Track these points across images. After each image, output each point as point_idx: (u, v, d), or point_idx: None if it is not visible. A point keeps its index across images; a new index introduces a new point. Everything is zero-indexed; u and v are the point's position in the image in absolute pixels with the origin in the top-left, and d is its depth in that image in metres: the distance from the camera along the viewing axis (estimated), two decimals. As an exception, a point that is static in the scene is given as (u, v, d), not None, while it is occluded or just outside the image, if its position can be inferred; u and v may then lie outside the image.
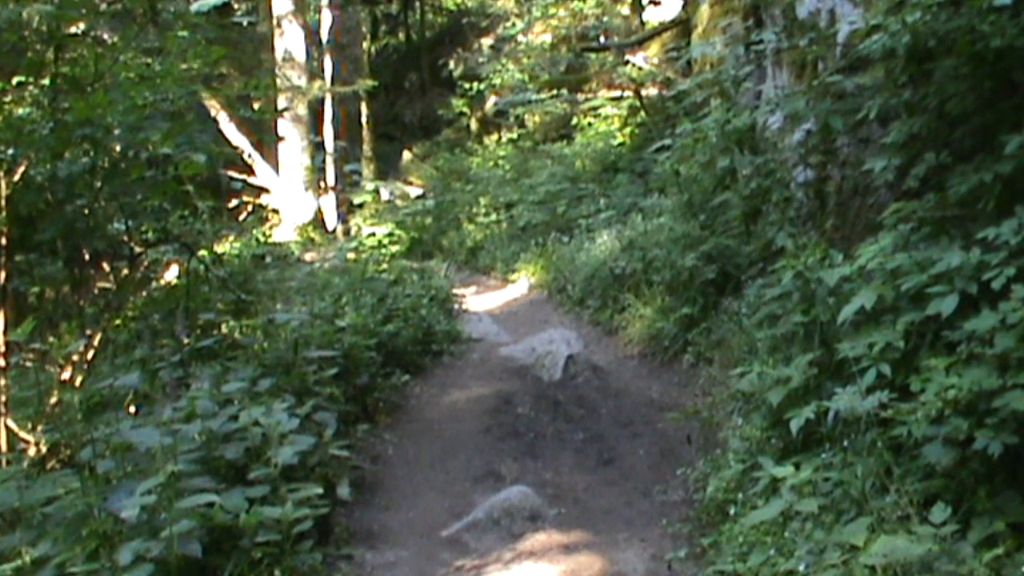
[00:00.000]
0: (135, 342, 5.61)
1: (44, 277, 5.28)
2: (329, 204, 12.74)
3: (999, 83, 3.29)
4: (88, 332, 4.69)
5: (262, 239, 10.80)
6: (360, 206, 12.26)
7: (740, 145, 5.73)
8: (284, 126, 12.57)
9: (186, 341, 5.14)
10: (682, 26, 10.27)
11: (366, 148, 15.47)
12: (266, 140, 12.84)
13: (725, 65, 6.43)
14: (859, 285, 3.28)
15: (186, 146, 4.83)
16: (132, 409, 4.11)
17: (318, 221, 12.55)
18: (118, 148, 4.75)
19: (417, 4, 19.91)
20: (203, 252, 6.30)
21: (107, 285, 5.69)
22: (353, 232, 11.50)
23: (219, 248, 8.76)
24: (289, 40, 12.57)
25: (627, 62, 11.36)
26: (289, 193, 12.60)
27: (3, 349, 4.18)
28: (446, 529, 3.85)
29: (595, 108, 12.25)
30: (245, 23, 10.82)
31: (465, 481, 4.39)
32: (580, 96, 12.86)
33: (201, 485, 3.12)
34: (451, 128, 16.84)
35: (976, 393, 2.54)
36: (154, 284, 6.80)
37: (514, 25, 15.23)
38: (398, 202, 12.81)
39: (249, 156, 12.40)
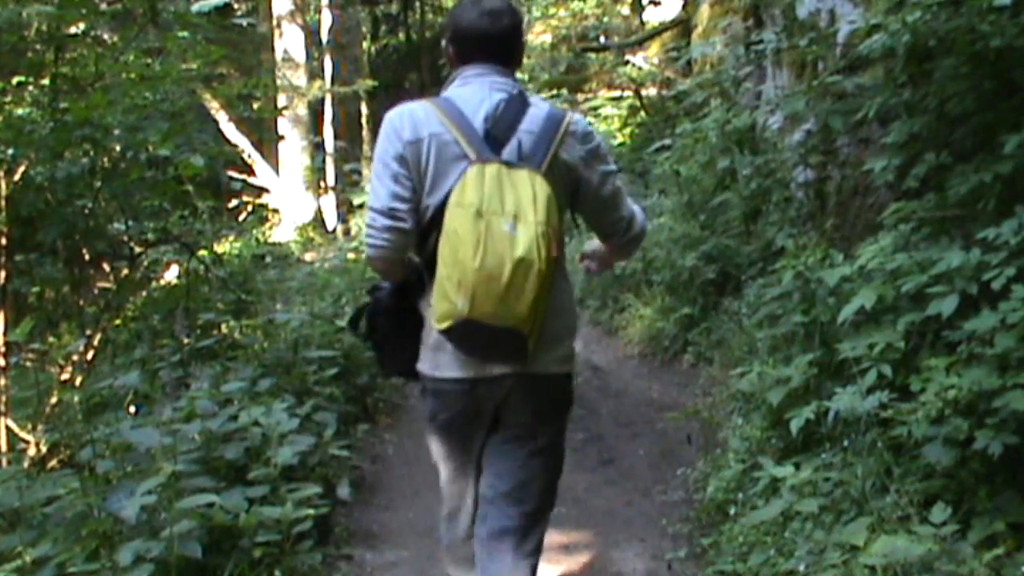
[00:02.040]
0: (135, 342, 5.61)
1: (44, 277, 5.29)
2: (329, 204, 12.74)
3: (999, 83, 3.29)
4: (88, 332, 4.69)
5: (262, 239, 10.80)
6: (360, 206, 12.26)
7: (740, 145, 5.73)
8: (284, 126, 12.57)
9: (186, 341, 5.15)
10: (682, 26, 10.27)
11: (366, 148, 15.45)
12: (266, 139, 12.85)
13: (725, 65, 6.43)
14: (859, 285, 3.28)
15: (185, 147, 4.84)
16: (132, 409, 4.11)
17: (318, 221, 12.55)
18: (118, 148, 4.76)
19: (417, 4, 19.91)
20: (203, 252, 6.31)
21: (107, 285, 5.70)
22: (353, 232, 11.50)
23: (219, 248, 8.76)
24: (289, 40, 12.57)
25: (627, 62, 11.35)
26: (289, 193, 12.60)
27: (3, 349, 4.19)
28: (446, 529, 3.85)
29: (595, 108, 12.24)
30: (245, 24, 10.82)
31: (465, 481, 4.38)
32: (580, 96, 12.86)
33: (201, 485, 3.12)
34: (451, 128, 16.84)
35: (976, 393, 2.54)
36: (154, 284, 6.81)
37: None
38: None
39: (249, 156, 12.40)
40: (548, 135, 2.15)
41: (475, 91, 2.20)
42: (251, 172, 12.61)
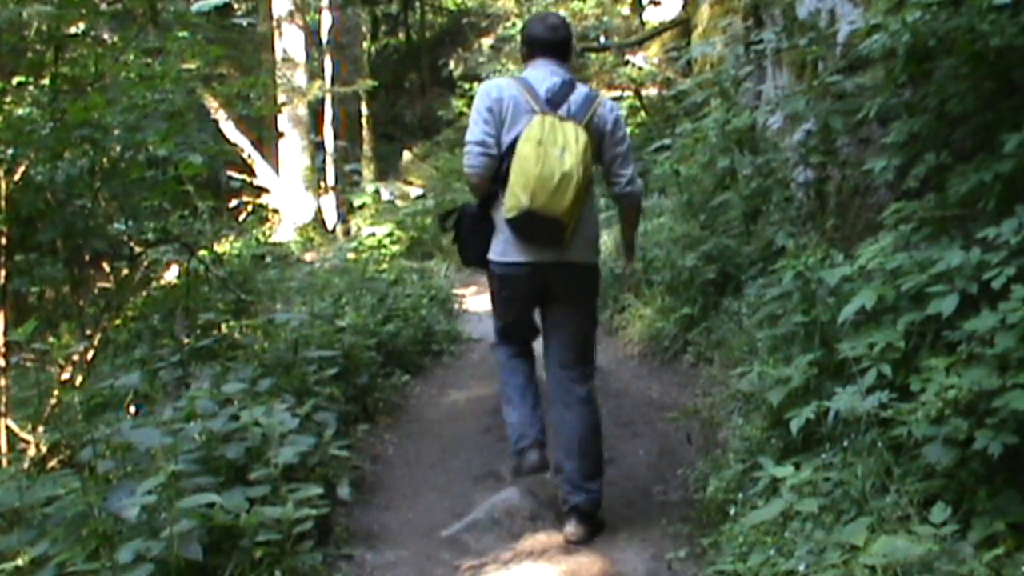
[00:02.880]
0: (135, 342, 5.61)
1: (44, 277, 5.28)
2: (329, 204, 12.73)
3: (999, 83, 3.29)
4: (88, 332, 4.69)
5: (262, 239, 10.80)
6: (361, 206, 12.26)
7: (740, 145, 5.73)
8: (284, 126, 12.57)
9: (186, 341, 5.14)
10: (682, 26, 10.28)
11: (366, 148, 15.47)
12: (266, 139, 12.84)
13: (725, 65, 6.43)
14: (859, 285, 3.28)
15: (185, 146, 4.83)
16: (132, 409, 4.11)
17: (318, 221, 12.55)
18: (118, 148, 4.75)
19: (417, 4, 19.91)
20: (203, 252, 6.30)
21: (107, 285, 5.69)
22: (353, 232, 11.50)
23: (219, 248, 8.75)
24: (289, 40, 12.57)
25: (627, 62, 11.36)
26: (289, 193, 12.60)
27: (3, 349, 4.19)
28: (446, 529, 3.85)
29: (595, 108, 12.23)
30: (245, 24, 10.81)
31: (465, 481, 4.39)
32: (580, 96, 12.83)
33: (201, 485, 3.12)
34: (451, 128, 16.83)
35: (976, 393, 2.54)
36: (154, 284, 6.80)
37: (514, 25, 15.24)
38: (398, 202, 12.80)
39: (249, 156, 12.40)
40: (587, 105, 3.43)
41: (541, 74, 3.48)
42: (251, 172, 12.62)
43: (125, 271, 5.43)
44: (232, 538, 3.05)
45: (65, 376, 4.41)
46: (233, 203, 12.31)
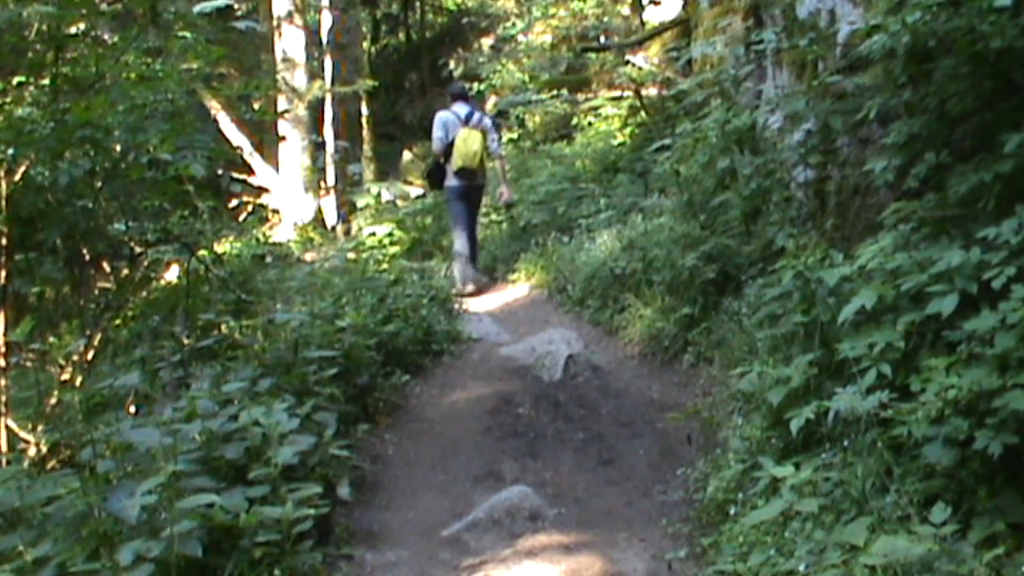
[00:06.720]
0: (135, 342, 5.61)
1: (44, 277, 5.28)
2: (329, 204, 12.73)
3: (999, 83, 3.29)
4: (88, 332, 4.69)
5: (262, 239, 10.80)
6: (363, 207, 12.25)
7: (740, 145, 5.72)
8: (284, 126, 12.56)
9: (186, 341, 5.14)
10: (682, 26, 10.27)
11: (366, 148, 15.44)
12: (266, 140, 12.83)
13: (725, 65, 6.43)
14: (859, 285, 3.28)
15: (186, 149, 4.83)
16: (132, 409, 4.11)
17: (318, 221, 12.54)
18: (118, 149, 4.75)
19: (417, 4, 19.91)
20: (203, 252, 6.30)
21: (107, 285, 5.69)
22: (353, 232, 11.49)
23: (219, 248, 8.75)
24: (289, 41, 12.56)
25: (627, 62, 11.35)
26: (289, 193, 12.60)
27: (3, 349, 4.19)
28: (446, 529, 3.86)
29: (595, 108, 12.24)
30: (244, 26, 10.78)
31: (465, 481, 4.39)
32: (580, 96, 12.86)
33: (201, 485, 3.12)
34: (451, 128, 16.78)
35: (976, 393, 2.55)
36: (154, 284, 6.80)
37: (514, 25, 15.25)
38: (398, 202, 12.79)
39: (250, 155, 12.39)
40: (479, 120, 8.24)
41: (461, 108, 8.24)
42: (251, 172, 12.61)
43: (125, 271, 5.43)
44: (232, 538, 3.05)
45: (65, 376, 4.41)
46: (233, 203, 12.29)
